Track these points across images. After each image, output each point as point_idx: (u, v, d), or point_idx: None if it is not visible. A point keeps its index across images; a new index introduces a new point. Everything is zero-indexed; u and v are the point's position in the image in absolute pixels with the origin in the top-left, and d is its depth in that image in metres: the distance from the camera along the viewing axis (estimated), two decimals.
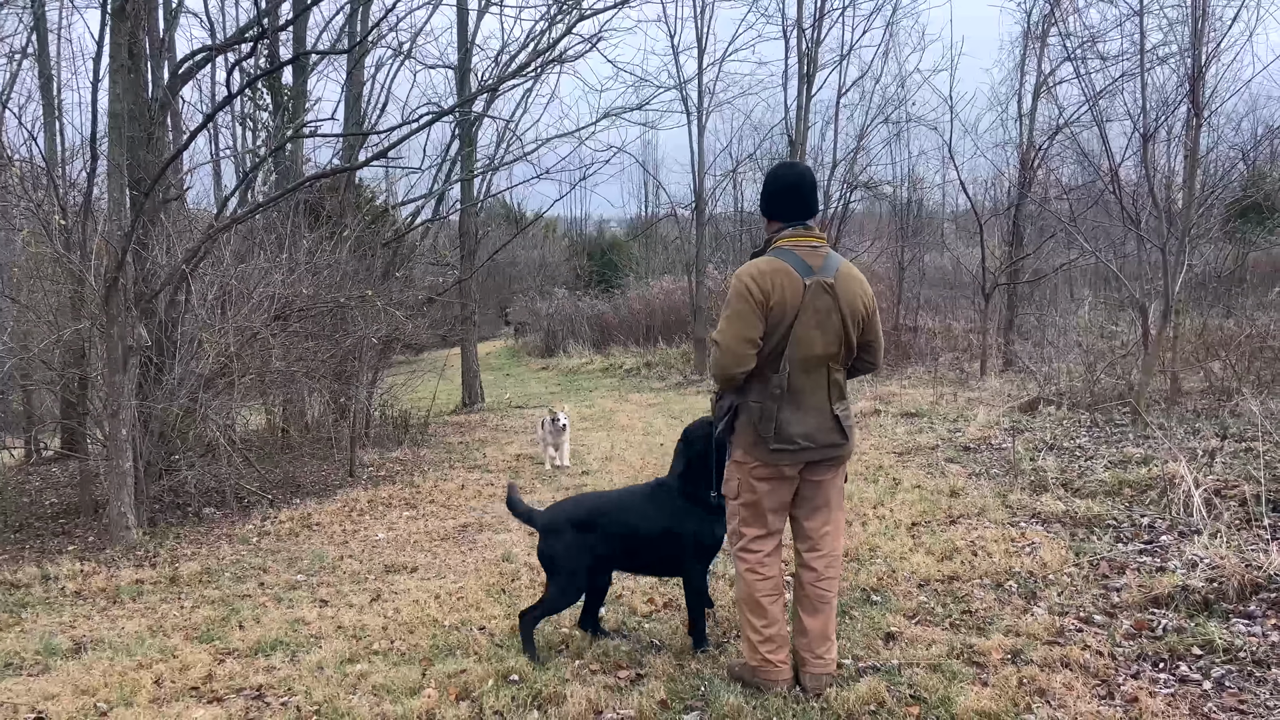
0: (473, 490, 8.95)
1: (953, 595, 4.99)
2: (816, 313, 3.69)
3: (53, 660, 4.86)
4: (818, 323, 3.70)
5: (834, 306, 3.71)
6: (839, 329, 3.74)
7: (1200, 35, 9.65)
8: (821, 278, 3.71)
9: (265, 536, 7.61)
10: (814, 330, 3.70)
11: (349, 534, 7.57)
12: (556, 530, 4.46)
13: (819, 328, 3.70)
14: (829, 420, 3.79)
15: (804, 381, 3.74)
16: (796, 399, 3.74)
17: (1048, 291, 18.64)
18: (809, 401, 3.75)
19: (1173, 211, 10.54)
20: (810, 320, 3.68)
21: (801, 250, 3.75)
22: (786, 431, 3.72)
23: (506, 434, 13.27)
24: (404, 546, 7.03)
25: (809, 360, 3.72)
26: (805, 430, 3.74)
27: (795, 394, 3.73)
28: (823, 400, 3.78)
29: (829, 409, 3.79)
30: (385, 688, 4.11)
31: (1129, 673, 3.91)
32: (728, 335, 3.70)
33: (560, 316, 27.53)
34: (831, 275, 3.73)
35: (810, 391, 3.75)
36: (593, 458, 10.43)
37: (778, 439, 3.73)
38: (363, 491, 9.11)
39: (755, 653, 3.89)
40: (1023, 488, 7.30)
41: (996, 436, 9.68)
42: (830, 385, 3.79)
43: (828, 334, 3.73)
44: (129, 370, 7.42)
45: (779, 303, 3.66)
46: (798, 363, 3.71)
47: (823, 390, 3.78)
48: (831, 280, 3.72)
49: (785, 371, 3.71)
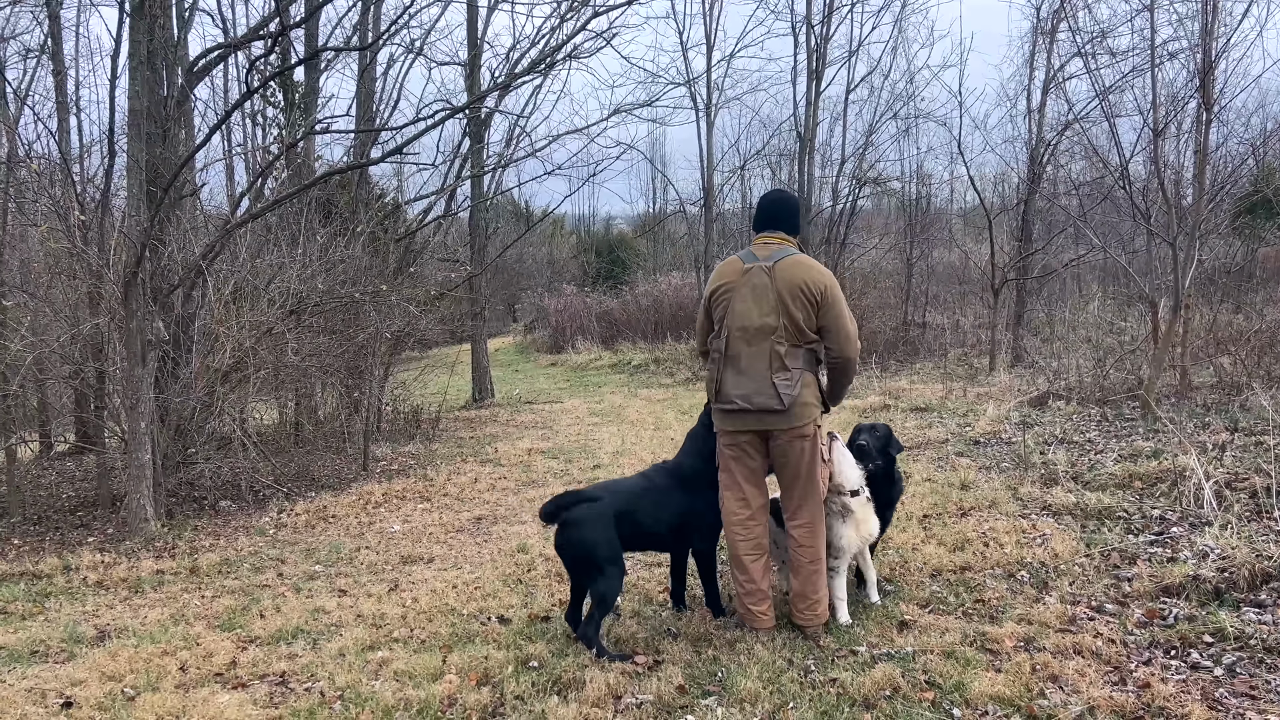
0: (486, 484, 9.02)
1: (965, 585, 5.04)
2: (754, 290, 4.34)
3: (78, 648, 4.95)
4: (754, 298, 4.33)
5: (769, 286, 4.31)
6: (775, 304, 4.29)
7: (1210, 30, 9.66)
8: (762, 264, 4.37)
9: (282, 529, 7.70)
10: (750, 304, 4.34)
11: (364, 526, 7.65)
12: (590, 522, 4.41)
13: (755, 302, 4.33)
14: (767, 386, 4.28)
15: (744, 349, 4.34)
16: (736, 364, 4.36)
17: (1057, 287, 18.66)
18: (750, 368, 4.32)
19: (1182, 207, 10.56)
20: (747, 295, 4.35)
21: (757, 247, 4.48)
22: (726, 392, 4.37)
23: (517, 429, 13.34)
24: (420, 538, 7.10)
25: (747, 330, 4.33)
26: (743, 392, 4.32)
27: (734, 359, 4.37)
28: (763, 369, 4.30)
29: (769, 377, 4.29)
30: (407, 674, 4.18)
31: (1141, 659, 3.97)
32: (698, 325, 4.72)
33: (568, 313, 27.58)
34: (772, 263, 4.36)
35: (751, 359, 4.32)
36: (604, 452, 10.50)
37: (719, 399, 4.41)
38: (377, 485, 9.20)
39: (741, 603, 4.54)
40: (1033, 481, 7.34)
41: (1006, 430, 9.73)
42: (772, 356, 4.29)
43: (763, 307, 4.31)
44: (148, 364, 7.51)
45: (723, 284, 4.44)
46: (736, 331, 4.36)
47: (764, 360, 4.30)
48: (770, 265, 4.35)
49: (724, 338, 4.39)
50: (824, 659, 4.12)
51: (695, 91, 19.26)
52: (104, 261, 7.69)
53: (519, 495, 8.40)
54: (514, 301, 35.87)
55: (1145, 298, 11.16)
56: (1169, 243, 9.99)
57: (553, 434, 12.51)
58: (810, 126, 17.97)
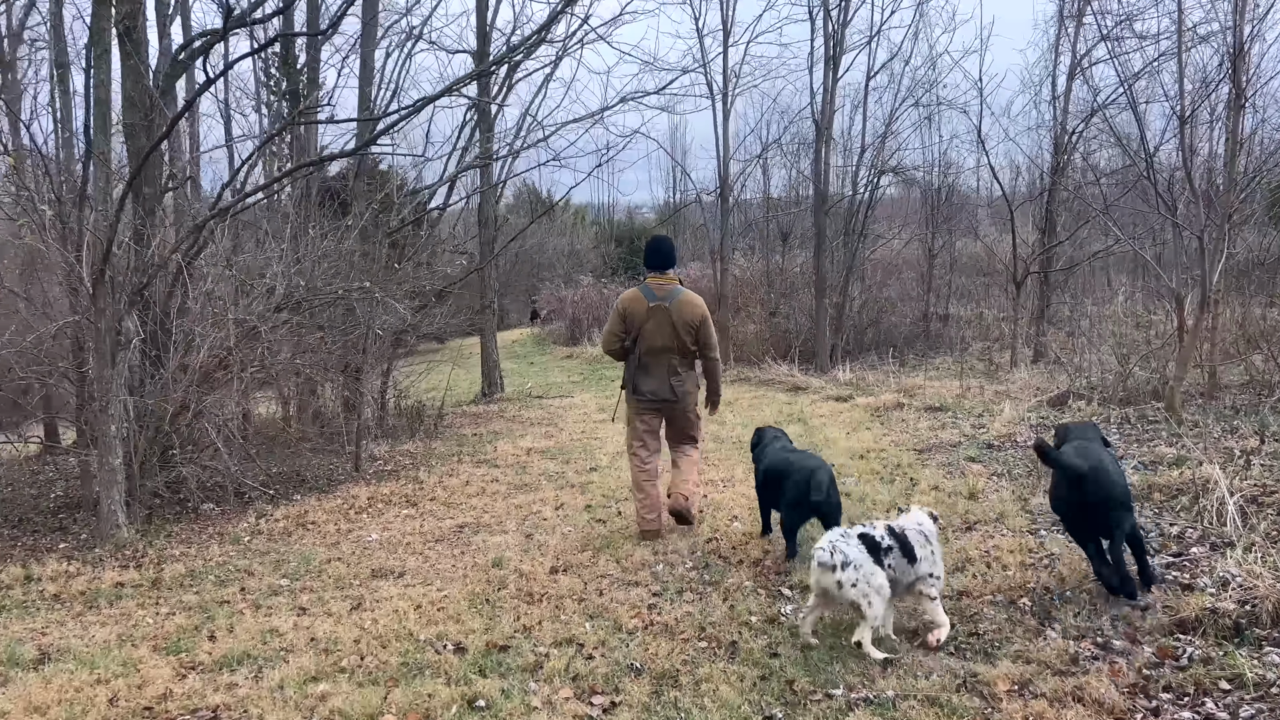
0: (476, 487, 8.70)
1: (961, 614, 4.64)
2: (657, 324, 6.34)
3: (14, 671, 4.66)
4: (656, 329, 6.34)
5: (668, 320, 6.32)
6: (671, 333, 6.34)
7: (1242, 11, 9.14)
8: (662, 302, 6.33)
9: (258, 536, 7.41)
10: (654, 333, 6.35)
11: (342, 534, 7.35)
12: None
13: (657, 332, 6.34)
14: (666, 385, 6.43)
15: (651, 361, 6.41)
16: (646, 370, 6.45)
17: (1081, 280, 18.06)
18: (655, 373, 6.43)
19: (1212, 196, 10.02)
20: (651, 327, 6.35)
21: (654, 286, 6.42)
22: (640, 388, 6.50)
23: (522, 425, 13.03)
24: (395, 548, 6.79)
25: (652, 350, 6.38)
26: (651, 389, 6.47)
27: (645, 368, 6.45)
28: (664, 374, 6.42)
29: (667, 379, 6.43)
30: (343, 712, 3.86)
31: (1148, 708, 3.57)
32: (606, 332, 6.63)
33: (585, 304, 27.21)
34: (670, 302, 6.33)
35: (655, 367, 6.42)
36: (604, 453, 10.15)
37: (635, 393, 6.54)
38: (365, 487, 8.90)
39: (640, 517, 6.52)
40: (1045, 490, 6.91)
41: (1022, 433, 9.28)
42: (669, 366, 6.41)
43: (664, 335, 6.34)
44: (118, 365, 7.23)
45: (631, 315, 6.41)
46: (645, 350, 6.40)
47: (664, 368, 6.41)
48: (668, 305, 6.33)
49: (638, 353, 6.44)
50: (795, 703, 3.75)
51: (711, 79, 18.79)
52: (76, 258, 7.40)
53: (508, 500, 8.07)
54: (534, 293, 35.50)
55: (1171, 292, 10.63)
56: (1195, 234, 9.48)
57: (556, 431, 12.18)
58: (827, 114, 17.45)
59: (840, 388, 14.37)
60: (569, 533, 6.88)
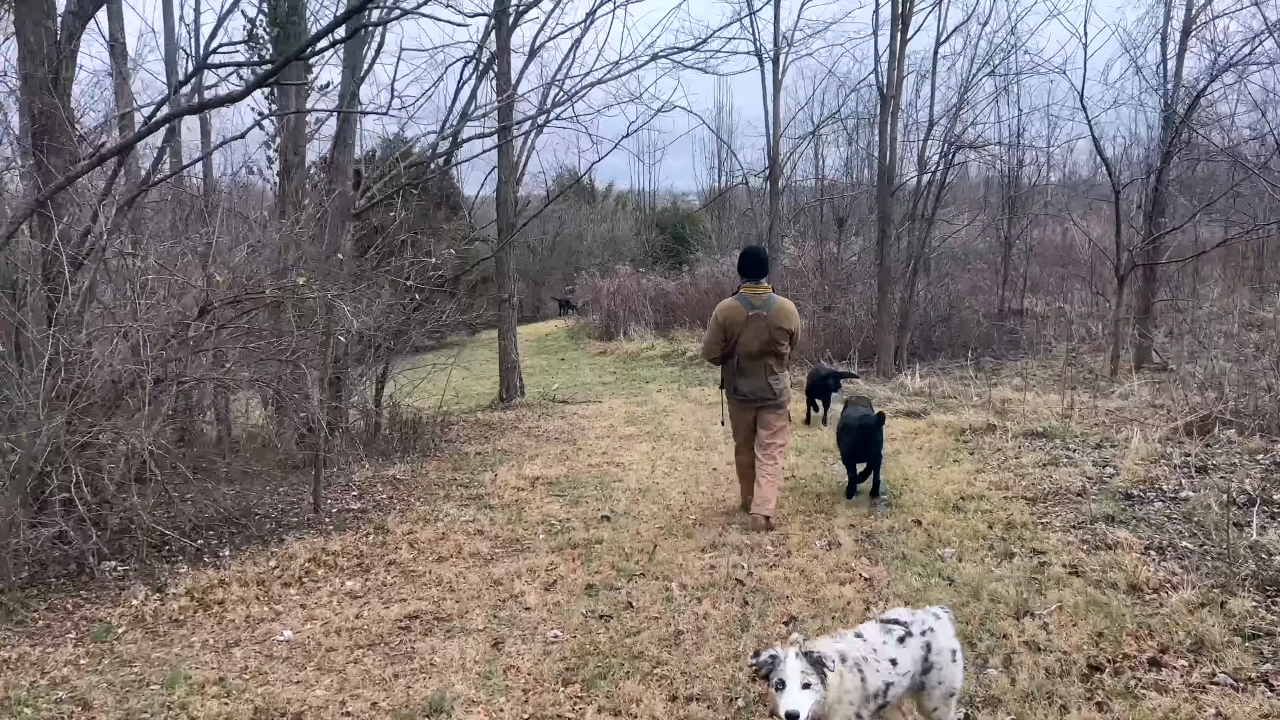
0: (452, 543, 6.71)
1: None
2: (754, 331, 6.90)
3: None
4: (754, 335, 6.92)
5: (765, 327, 6.89)
6: (766, 340, 6.92)
7: None
8: (759, 311, 6.87)
9: (137, 625, 5.43)
10: (751, 339, 6.93)
11: (251, 624, 5.37)
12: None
13: (755, 338, 6.93)
14: (764, 385, 7.04)
15: (748, 365, 7.04)
16: (744, 373, 7.09)
17: (1191, 273, 15.62)
18: (752, 374, 7.06)
19: None
20: (749, 334, 6.93)
21: (749, 295, 6.93)
22: (740, 389, 7.14)
23: (535, 441, 11.05)
24: (308, 660, 4.79)
25: (750, 354, 6.99)
26: (750, 389, 7.09)
27: (742, 371, 7.09)
28: (761, 375, 7.04)
29: (765, 379, 7.04)
30: None
31: None
32: (707, 341, 7.22)
33: (622, 295, 25.09)
34: (766, 310, 6.87)
35: (753, 370, 7.05)
36: (624, 489, 8.14)
37: (736, 394, 7.20)
38: (313, 541, 6.92)
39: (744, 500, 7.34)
40: (1248, 585, 4.75)
41: (1169, 476, 7.08)
42: (765, 368, 7.02)
43: (760, 341, 6.93)
44: None
45: (730, 324, 6.96)
46: (743, 355, 7.02)
47: (761, 370, 7.03)
48: (765, 313, 6.87)
49: (736, 358, 7.08)
50: None
51: (759, 39, 16.60)
52: None
53: (484, 570, 6.07)
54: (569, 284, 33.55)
55: None
56: None
57: (574, 451, 10.18)
58: (895, 82, 15.19)
59: (910, 399, 12.17)
60: (554, 641, 4.86)
